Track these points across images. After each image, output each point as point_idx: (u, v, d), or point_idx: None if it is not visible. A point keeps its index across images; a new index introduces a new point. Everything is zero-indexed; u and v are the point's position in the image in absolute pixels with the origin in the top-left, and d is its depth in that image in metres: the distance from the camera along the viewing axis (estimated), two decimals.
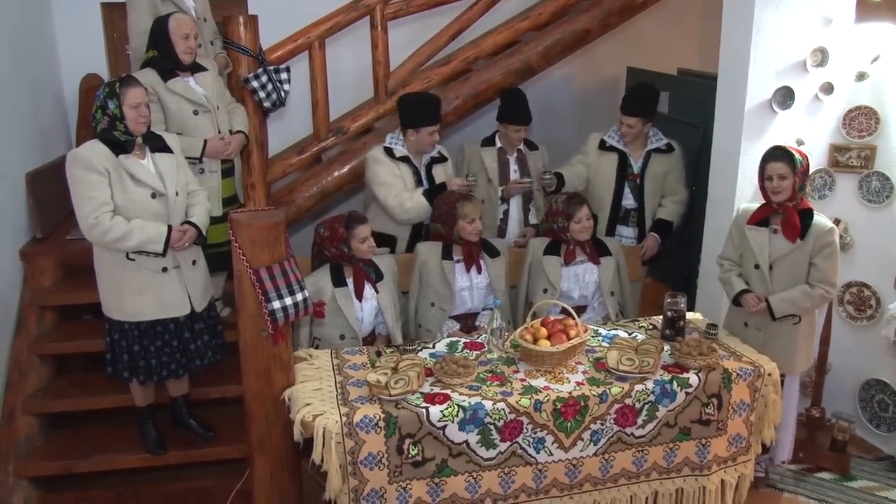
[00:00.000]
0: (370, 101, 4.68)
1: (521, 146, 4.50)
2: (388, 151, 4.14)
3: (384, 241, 4.18)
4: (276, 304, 2.86)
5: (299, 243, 4.41)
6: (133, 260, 3.18)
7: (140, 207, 3.15)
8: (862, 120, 3.83)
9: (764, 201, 3.43)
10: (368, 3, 4.37)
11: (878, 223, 3.86)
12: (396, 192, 4.08)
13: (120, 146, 3.12)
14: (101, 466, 3.63)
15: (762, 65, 3.75)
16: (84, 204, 3.06)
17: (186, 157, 3.55)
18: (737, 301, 3.49)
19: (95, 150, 3.10)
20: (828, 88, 3.80)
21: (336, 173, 4.54)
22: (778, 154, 3.34)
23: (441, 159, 4.31)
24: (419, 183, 4.17)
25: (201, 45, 3.82)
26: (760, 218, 3.43)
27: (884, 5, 3.67)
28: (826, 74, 3.80)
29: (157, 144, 3.26)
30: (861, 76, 3.80)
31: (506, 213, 4.48)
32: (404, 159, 4.15)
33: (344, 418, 2.76)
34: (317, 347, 3.57)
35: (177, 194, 3.26)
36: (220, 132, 3.77)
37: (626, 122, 4.28)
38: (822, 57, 3.76)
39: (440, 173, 4.27)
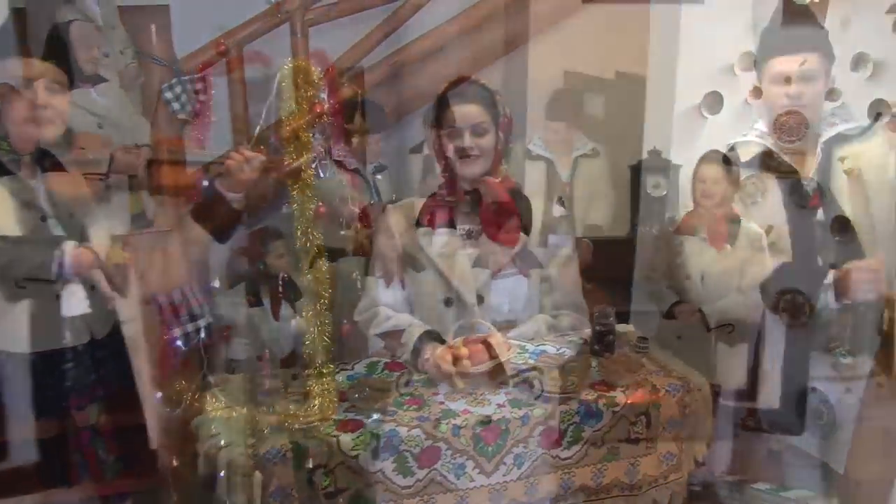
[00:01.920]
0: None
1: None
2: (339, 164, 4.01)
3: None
4: (177, 332, 2.71)
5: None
6: (24, 288, 2.98)
7: (29, 232, 2.94)
8: (792, 125, 3.78)
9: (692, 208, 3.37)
10: (287, 8, 4.21)
11: (809, 229, 3.80)
12: None
13: (1, 167, 2.92)
14: None
15: (690, 69, 3.70)
16: None
17: (90, 174, 3.37)
18: (670, 314, 3.42)
19: None
20: (757, 93, 3.75)
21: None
22: (715, 158, 3.29)
23: (382, 168, 4.22)
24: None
25: (108, 55, 3.65)
26: (688, 226, 3.38)
27: (810, 9, 3.63)
28: (755, 79, 3.73)
29: (48, 163, 3.06)
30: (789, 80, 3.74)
31: None
32: (356, 171, 4.05)
33: (250, 450, 2.60)
34: (233, 371, 3.40)
35: (71, 216, 3.07)
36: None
37: (552, 127, 4.22)
38: (749, 61, 3.70)
39: (382, 182, 4.18)
